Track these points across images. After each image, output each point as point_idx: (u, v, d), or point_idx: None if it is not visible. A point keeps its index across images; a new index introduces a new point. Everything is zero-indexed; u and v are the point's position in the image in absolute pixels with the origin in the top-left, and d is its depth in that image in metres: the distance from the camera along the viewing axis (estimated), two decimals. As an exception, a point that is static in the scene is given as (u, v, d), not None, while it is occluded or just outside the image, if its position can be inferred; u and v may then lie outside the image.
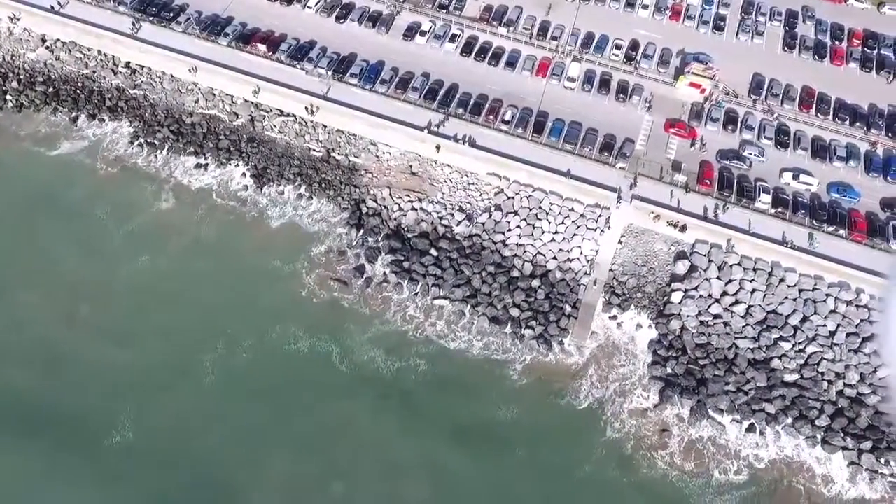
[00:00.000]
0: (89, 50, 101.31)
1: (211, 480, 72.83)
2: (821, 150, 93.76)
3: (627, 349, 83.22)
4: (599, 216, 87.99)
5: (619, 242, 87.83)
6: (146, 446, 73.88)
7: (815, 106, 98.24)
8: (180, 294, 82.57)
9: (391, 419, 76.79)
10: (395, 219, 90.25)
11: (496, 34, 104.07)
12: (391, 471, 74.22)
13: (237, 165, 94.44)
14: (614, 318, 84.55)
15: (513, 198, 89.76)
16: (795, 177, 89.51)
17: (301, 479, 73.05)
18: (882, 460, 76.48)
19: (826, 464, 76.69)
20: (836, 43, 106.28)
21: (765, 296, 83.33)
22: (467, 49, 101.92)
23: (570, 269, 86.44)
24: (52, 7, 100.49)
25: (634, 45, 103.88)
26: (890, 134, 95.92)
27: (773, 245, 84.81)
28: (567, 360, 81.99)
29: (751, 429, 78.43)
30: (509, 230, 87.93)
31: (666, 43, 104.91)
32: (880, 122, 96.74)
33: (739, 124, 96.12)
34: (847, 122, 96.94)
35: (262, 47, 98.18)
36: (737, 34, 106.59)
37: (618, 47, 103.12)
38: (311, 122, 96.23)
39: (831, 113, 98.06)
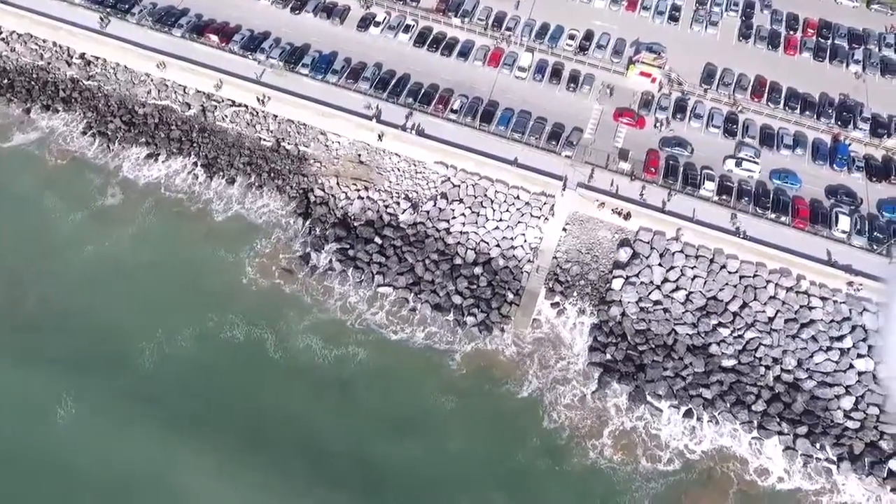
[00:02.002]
0: (44, 41, 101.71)
1: (146, 465, 73.42)
2: (768, 139, 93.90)
3: (568, 336, 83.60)
4: (544, 204, 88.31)
5: (564, 230, 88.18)
6: (87, 428, 74.72)
7: (766, 95, 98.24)
8: (122, 284, 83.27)
9: (325, 407, 77.20)
10: (341, 207, 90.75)
11: (450, 25, 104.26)
12: (323, 458, 74.48)
13: (188, 156, 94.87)
14: (557, 305, 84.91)
15: (458, 186, 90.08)
16: (738, 164, 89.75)
17: (232, 465, 73.54)
18: (817, 445, 76.67)
19: (759, 450, 76.69)
20: (791, 33, 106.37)
21: (705, 282, 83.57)
22: (420, 40, 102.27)
23: (513, 256, 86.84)
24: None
25: (589, 36, 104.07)
26: (839, 122, 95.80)
27: (715, 232, 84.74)
28: (508, 349, 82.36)
29: (688, 414, 78.77)
30: (453, 218, 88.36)
31: (621, 33, 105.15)
32: (830, 111, 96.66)
33: (688, 113, 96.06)
34: (797, 110, 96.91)
35: (215, 38, 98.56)
36: (691, 24, 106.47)
37: (571, 37, 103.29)
38: (262, 112, 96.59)
39: (782, 102, 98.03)
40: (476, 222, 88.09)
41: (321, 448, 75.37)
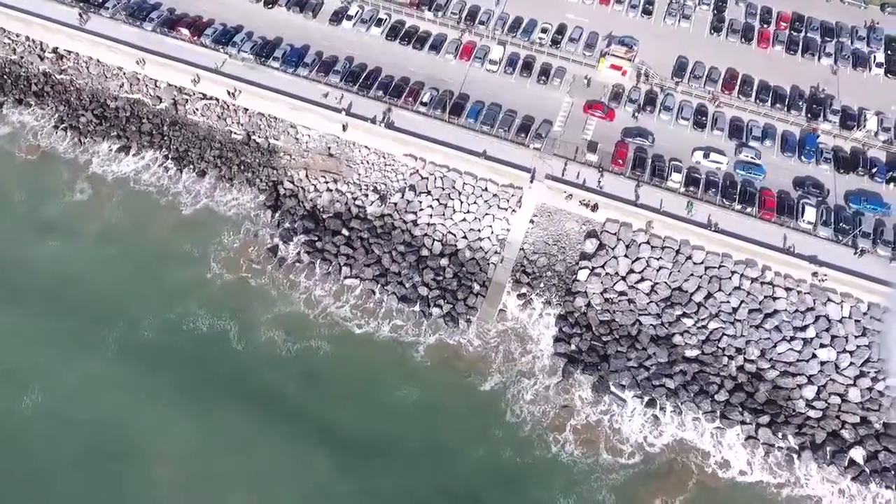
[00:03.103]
0: (17, 36, 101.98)
1: (108, 450, 74.19)
2: (737, 131, 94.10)
3: (534, 328, 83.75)
4: (512, 196, 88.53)
5: (531, 222, 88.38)
6: (53, 413, 75.75)
7: (737, 88, 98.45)
8: (86, 276, 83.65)
9: (286, 397, 77.43)
10: (310, 200, 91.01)
11: (423, 18, 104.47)
12: (282, 446, 74.76)
13: (158, 149, 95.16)
14: (523, 296, 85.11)
15: (427, 178, 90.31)
16: (706, 155, 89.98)
17: (193, 454, 74.11)
18: (779, 434, 76.86)
19: (721, 442, 76.94)
20: (764, 26, 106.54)
21: (670, 273, 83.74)
22: (393, 33, 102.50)
23: (480, 248, 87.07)
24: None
25: (561, 29, 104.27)
26: (809, 115, 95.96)
27: (681, 223, 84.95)
28: (473, 341, 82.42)
29: (651, 404, 78.91)
30: (421, 210, 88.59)
31: (594, 27, 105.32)
32: (800, 104, 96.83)
33: (658, 105, 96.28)
34: (768, 103, 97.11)
35: (186, 32, 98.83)
36: (664, 18, 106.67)
37: (544, 31, 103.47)
38: (233, 105, 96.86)
39: (754, 94, 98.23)
40: (443, 214, 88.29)
41: (280, 437, 75.61)
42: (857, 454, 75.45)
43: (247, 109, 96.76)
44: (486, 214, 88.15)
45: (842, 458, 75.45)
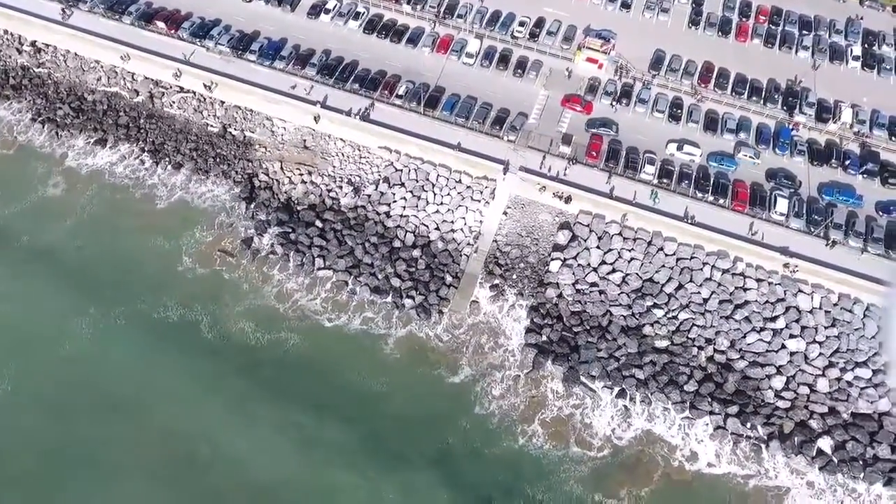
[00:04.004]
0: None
1: (80, 431, 74.86)
2: (712, 123, 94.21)
3: (505, 320, 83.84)
4: (486, 188, 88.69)
5: (505, 214, 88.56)
6: (26, 396, 76.25)
7: (713, 81, 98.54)
8: (59, 268, 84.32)
9: (255, 386, 77.66)
10: (285, 192, 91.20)
11: (401, 12, 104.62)
12: (249, 436, 75.00)
13: (135, 142, 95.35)
14: (496, 287, 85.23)
15: (401, 171, 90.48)
16: (679, 147, 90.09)
17: (163, 439, 74.48)
18: (748, 424, 76.94)
19: (688, 434, 77.06)
20: (743, 19, 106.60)
21: (642, 265, 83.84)
22: (370, 26, 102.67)
23: (453, 239, 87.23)
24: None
25: (540, 23, 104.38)
26: (785, 107, 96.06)
27: (655, 215, 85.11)
28: (444, 333, 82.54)
29: (621, 394, 78.99)
30: (394, 202, 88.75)
31: (573, 20, 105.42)
32: (776, 97, 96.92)
33: (633, 98, 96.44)
34: (744, 95, 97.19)
35: (162, 25, 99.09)
36: (643, 11, 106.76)
37: (522, 24, 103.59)
38: (210, 98, 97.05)
39: (730, 87, 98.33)
40: (417, 206, 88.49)
41: (244, 426, 76.02)
42: (825, 444, 75.55)
43: (223, 102, 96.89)
44: (460, 206, 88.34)
45: (810, 447, 75.55)
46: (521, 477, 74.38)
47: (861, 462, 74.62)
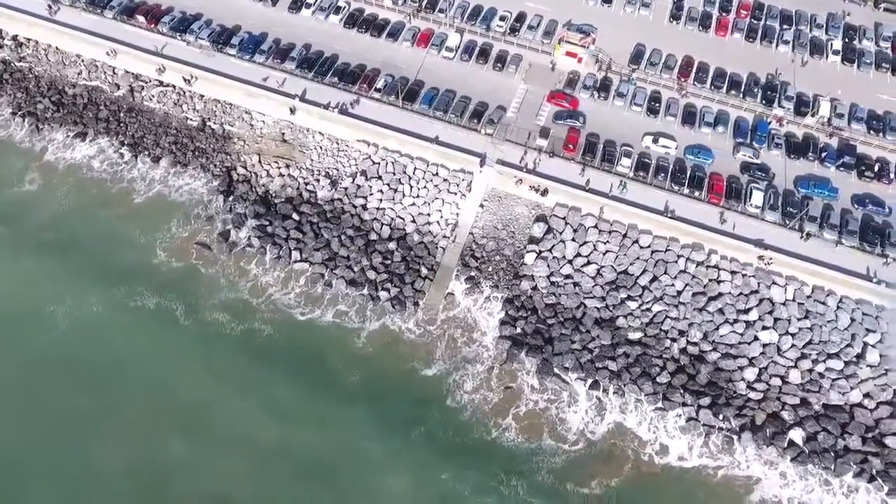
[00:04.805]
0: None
1: (56, 420, 75.48)
2: (690, 117, 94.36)
3: (480, 312, 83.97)
4: (462, 181, 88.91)
5: (481, 206, 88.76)
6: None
7: (692, 75, 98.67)
8: (35, 260, 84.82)
9: (227, 376, 77.97)
10: (262, 185, 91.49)
11: (382, 6, 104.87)
12: (223, 425, 75.44)
13: (115, 136, 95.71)
14: (471, 279, 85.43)
15: (378, 164, 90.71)
16: (655, 140, 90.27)
17: (136, 426, 75.16)
18: (720, 416, 77.09)
19: (658, 426, 77.14)
20: (724, 14, 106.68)
21: (616, 257, 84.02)
22: (351, 21, 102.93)
23: (428, 232, 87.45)
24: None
25: (521, 17, 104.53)
26: (764, 101, 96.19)
27: (631, 208, 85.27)
28: (418, 326, 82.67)
29: (594, 386, 79.14)
30: (371, 195, 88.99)
31: (554, 15, 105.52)
32: (755, 90, 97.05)
33: (612, 92, 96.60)
34: (723, 89, 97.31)
35: (142, 19, 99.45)
36: (624, 6, 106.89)
37: (503, 19, 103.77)
38: (189, 92, 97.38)
39: (709, 81, 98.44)
40: (393, 198, 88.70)
41: (217, 416, 76.49)
42: (797, 435, 75.63)
43: (202, 96, 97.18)
44: (436, 199, 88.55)
45: (781, 439, 75.61)
46: (493, 468, 74.51)
47: (832, 453, 74.71)
